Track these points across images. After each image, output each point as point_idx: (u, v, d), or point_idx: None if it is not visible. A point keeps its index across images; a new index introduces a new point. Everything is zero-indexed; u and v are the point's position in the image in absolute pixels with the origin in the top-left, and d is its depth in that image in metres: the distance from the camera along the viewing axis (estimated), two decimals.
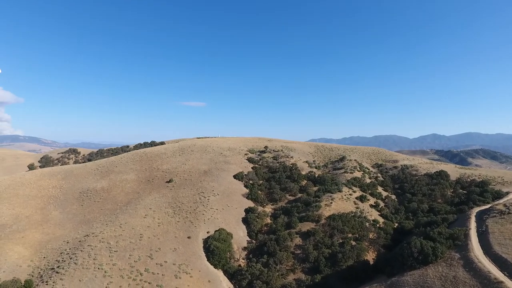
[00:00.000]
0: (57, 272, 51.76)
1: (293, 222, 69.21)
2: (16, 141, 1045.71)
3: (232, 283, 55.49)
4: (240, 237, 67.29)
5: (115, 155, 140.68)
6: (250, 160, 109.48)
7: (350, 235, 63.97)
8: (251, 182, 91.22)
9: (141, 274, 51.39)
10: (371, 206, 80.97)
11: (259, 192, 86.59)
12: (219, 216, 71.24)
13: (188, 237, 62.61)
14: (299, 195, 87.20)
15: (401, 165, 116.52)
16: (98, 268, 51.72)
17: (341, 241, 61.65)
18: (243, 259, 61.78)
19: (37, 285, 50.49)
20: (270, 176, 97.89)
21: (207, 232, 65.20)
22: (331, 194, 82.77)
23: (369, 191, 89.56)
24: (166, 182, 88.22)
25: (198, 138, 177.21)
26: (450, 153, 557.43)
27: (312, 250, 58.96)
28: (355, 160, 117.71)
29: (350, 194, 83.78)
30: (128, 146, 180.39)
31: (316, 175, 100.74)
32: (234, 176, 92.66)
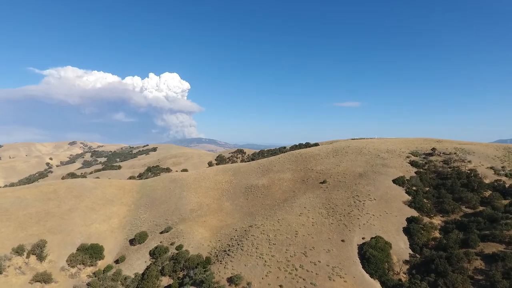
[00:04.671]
0: (228, 255, 60.40)
1: (472, 240, 56.77)
2: (200, 142, 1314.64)
3: None
4: (400, 249, 60.51)
5: (274, 155, 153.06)
6: (413, 163, 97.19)
7: None
8: (414, 188, 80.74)
9: (296, 269, 53.56)
10: None
11: (425, 200, 75.52)
12: (375, 222, 66.37)
13: (342, 240, 61.10)
14: (480, 208, 70.89)
15: None
16: (259, 257, 57.15)
17: None
18: (404, 273, 55.17)
19: (214, 262, 60.36)
20: (439, 183, 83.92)
21: (362, 238, 61.77)
22: None
23: None
24: (320, 183, 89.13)
25: (352, 139, 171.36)
26: None
27: (500, 279, 46.64)
28: None
29: None
30: (285, 147, 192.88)
31: (507, 185, 79.51)
32: (394, 181, 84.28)
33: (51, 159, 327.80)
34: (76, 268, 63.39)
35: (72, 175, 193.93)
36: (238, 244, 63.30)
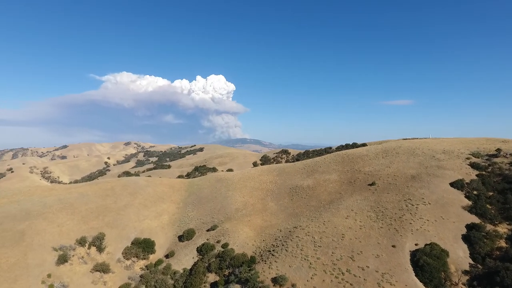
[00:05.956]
0: (272, 255, 60.32)
1: None
2: (245, 143, 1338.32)
3: None
4: (459, 258, 55.81)
5: (319, 155, 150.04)
6: (473, 165, 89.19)
7: None
8: (475, 192, 74.01)
9: (342, 273, 51.88)
10: None
11: (488, 206, 68.88)
12: (430, 228, 61.94)
13: (392, 246, 57.92)
14: None
15: None
16: (304, 259, 56.28)
17: None
18: (463, 284, 50.80)
19: (258, 262, 60.65)
20: (505, 187, 75.98)
21: (415, 244, 58.00)
22: None
23: None
24: (368, 184, 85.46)
25: (404, 139, 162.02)
26: None
27: None
28: None
29: None
30: (330, 148, 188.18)
31: None
32: (451, 184, 78.02)
33: (108, 158, 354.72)
34: (130, 261, 67.68)
35: (127, 174, 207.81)
36: (283, 245, 62.94)
